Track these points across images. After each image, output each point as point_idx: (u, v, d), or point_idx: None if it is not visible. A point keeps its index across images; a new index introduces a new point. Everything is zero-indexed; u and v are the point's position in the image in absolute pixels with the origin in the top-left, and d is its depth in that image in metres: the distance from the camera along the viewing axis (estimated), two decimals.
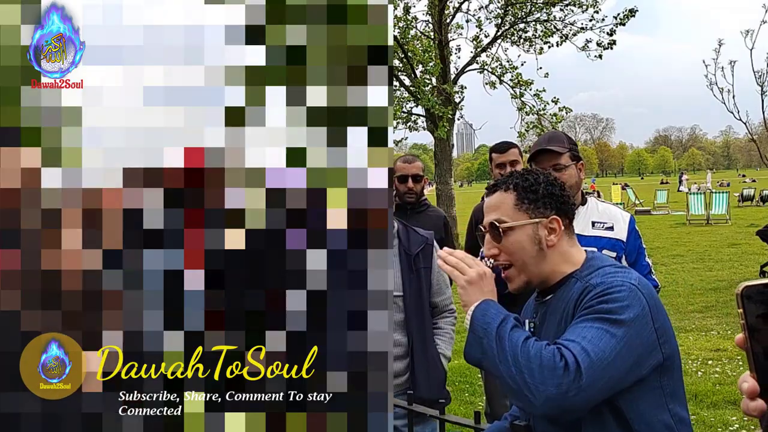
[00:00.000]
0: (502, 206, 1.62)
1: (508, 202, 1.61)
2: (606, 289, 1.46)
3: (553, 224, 1.59)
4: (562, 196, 1.63)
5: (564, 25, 14.57)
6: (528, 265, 1.60)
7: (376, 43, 1.32)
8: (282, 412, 1.31)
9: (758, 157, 16.05)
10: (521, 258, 1.60)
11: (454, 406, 4.78)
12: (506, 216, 1.60)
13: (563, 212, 1.62)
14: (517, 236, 1.59)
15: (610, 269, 1.55)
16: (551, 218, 1.60)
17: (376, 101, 1.32)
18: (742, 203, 25.07)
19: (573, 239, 1.64)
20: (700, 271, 10.64)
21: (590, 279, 1.52)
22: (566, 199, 1.64)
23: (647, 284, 1.54)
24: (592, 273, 1.54)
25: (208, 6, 1.32)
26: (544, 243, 1.59)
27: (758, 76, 9.17)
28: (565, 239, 1.61)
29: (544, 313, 1.61)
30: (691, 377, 5.33)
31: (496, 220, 1.61)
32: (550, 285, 1.61)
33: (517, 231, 1.58)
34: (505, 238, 1.60)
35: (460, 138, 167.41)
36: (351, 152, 1.32)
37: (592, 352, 1.37)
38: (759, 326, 0.61)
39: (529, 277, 1.62)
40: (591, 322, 1.42)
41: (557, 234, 1.59)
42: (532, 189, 1.61)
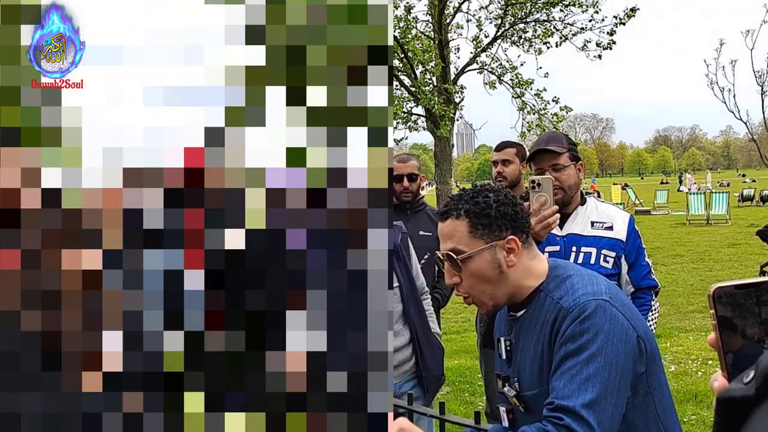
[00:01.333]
0: (457, 234, 1.58)
1: (462, 230, 1.58)
2: (580, 315, 1.45)
3: (511, 244, 1.56)
4: (515, 213, 1.59)
5: (564, 25, 14.57)
6: (491, 290, 1.58)
7: (376, 43, 1.32)
8: (282, 412, 1.31)
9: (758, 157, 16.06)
10: (483, 284, 1.58)
11: (454, 406, 4.78)
12: (462, 245, 1.57)
13: (519, 230, 1.58)
14: (476, 264, 1.56)
15: (576, 280, 1.53)
16: (508, 239, 1.56)
17: (376, 101, 1.32)
18: (742, 203, 25.07)
19: (532, 250, 1.62)
20: (700, 271, 10.65)
21: (561, 300, 1.51)
22: (520, 215, 1.60)
23: (617, 292, 1.55)
24: (560, 286, 1.54)
25: (208, 6, 1.32)
26: (504, 265, 1.56)
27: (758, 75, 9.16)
28: (525, 254, 1.59)
29: (518, 331, 1.60)
30: (691, 377, 5.33)
31: (452, 250, 1.58)
32: (520, 300, 1.60)
33: (475, 258, 1.56)
34: (464, 266, 1.57)
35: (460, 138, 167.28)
36: (351, 152, 1.32)
37: (591, 400, 1.37)
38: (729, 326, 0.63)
39: (495, 301, 1.60)
40: (574, 367, 1.42)
41: (516, 253, 1.57)
42: (484, 213, 1.57)
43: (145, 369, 1.31)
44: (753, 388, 0.54)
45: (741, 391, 0.55)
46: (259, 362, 1.31)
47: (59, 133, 1.31)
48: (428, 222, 3.74)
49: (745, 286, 0.63)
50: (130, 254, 1.31)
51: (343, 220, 1.32)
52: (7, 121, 1.31)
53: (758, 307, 0.62)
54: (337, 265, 1.31)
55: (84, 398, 1.31)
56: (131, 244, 1.31)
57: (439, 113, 13.01)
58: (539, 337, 1.52)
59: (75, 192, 1.31)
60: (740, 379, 0.56)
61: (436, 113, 13.04)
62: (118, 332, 1.31)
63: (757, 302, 0.62)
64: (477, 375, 5.19)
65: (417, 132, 18.48)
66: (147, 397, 1.31)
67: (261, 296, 1.31)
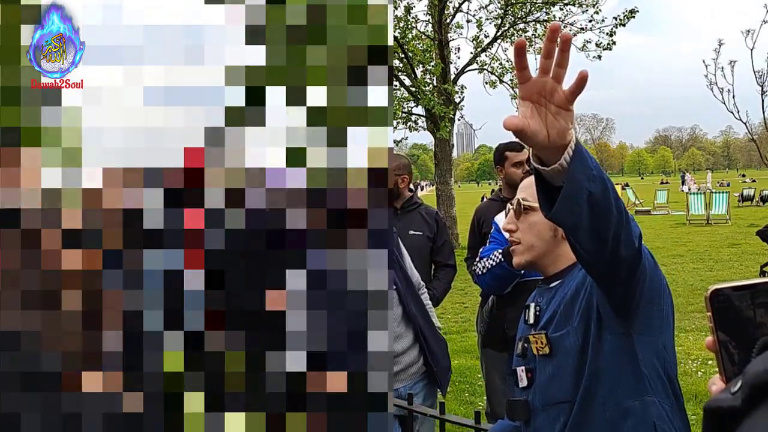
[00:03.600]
0: (533, 187, 1.65)
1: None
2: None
3: None
4: None
5: (564, 25, 14.57)
6: (536, 247, 1.65)
7: (376, 43, 1.32)
8: (282, 413, 1.31)
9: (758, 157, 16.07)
10: (533, 239, 1.65)
11: (454, 406, 4.78)
12: (532, 197, 1.62)
13: None
14: (536, 218, 1.62)
15: None
16: None
17: (376, 101, 1.32)
18: (742, 203, 25.06)
19: None
20: (700, 271, 10.64)
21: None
22: None
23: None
24: None
25: (208, 6, 1.32)
26: (560, 232, 1.61)
27: (758, 76, 9.17)
28: None
29: (550, 299, 1.63)
30: (691, 377, 5.33)
31: (523, 198, 1.67)
32: (556, 272, 1.64)
33: (537, 213, 1.59)
34: (525, 216, 1.66)
35: (460, 138, 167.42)
36: (351, 152, 1.32)
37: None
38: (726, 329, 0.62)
39: (534, 258, 1.67)
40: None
41: None
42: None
43: (146, 369, 1.31)
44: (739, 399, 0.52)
45: (728, 402, 0.53)
46: (259, 362, 1.31)
47: (59, 133, 1.31)
48: (420, 222, 3.73)
49: (741, 288, 0.62)
50: (130, 254, 1.31)
51: (343, 220, 1.32)
52: (7, 121, 1.31)
53: (754, 309, 0.62)
54: (337, 266, 1.31)
55: (84, 398, 1.31)
56: (131, 244, 1.31)
57: (439, 113, 13.02)
58: (564, 296, 1.57)
59: (75, 192, 1.31)
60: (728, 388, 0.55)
61: (436, 113, 13.05)
62: (118, 332, 1.31)
63: (752, 304, 0.62)
64: (477, 375, 5.19)
65: (417, 132, 18.48)
66: (147, 398, 1.31)
67: (261, 296, 1.31)
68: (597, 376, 1.47)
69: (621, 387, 1.46)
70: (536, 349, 1.61)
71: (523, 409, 1.60)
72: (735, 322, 0.62)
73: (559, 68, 1.14)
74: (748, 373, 0.53)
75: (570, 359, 1.51)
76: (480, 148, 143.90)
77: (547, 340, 1.58)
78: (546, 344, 1.58)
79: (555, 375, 1.53)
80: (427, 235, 3.70)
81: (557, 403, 1.52)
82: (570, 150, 1.19)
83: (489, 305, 3.27)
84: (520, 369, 1.65)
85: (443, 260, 3.75)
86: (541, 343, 1.60)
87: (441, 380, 2.78)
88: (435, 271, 3.77)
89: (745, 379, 0.53)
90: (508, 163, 3.58)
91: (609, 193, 1.24)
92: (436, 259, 3.75)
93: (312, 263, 1.31)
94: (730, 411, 0.53)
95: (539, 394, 1.58)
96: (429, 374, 2.76)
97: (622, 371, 1.47)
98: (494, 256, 2.88)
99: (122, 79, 1.32)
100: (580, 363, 1.49)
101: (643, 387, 1.47)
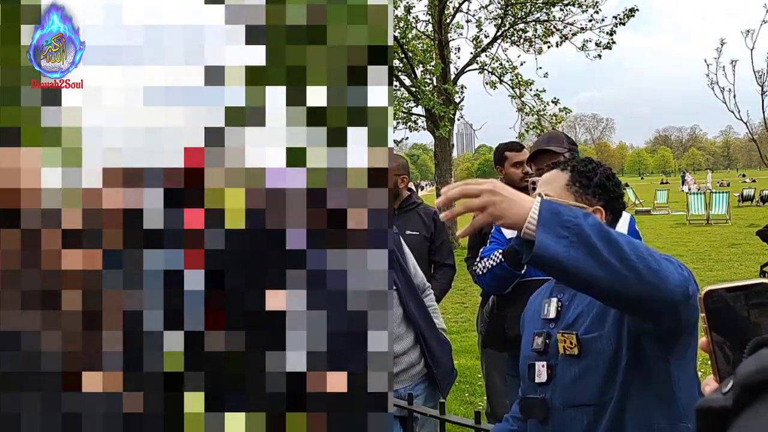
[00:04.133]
0: (554, 183, 1.64)
1: (561, 181, 1.64)
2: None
3: (596, 214, 1.58)
4: (615, 191, 1.64)
5: (564, 25, 14.58)
6: None
7: (376, 43, 1.32)
8: (282, 413, 1.31)
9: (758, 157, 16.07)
10: None
11: (454, 406, 4.78)
12: (554, 192, 1.61)
13: (610, 207, 1.63)
14: None
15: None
16: (595, 208, 1.60)
17: (376, 101, 1.32)
18: (742, 203, 25.06)
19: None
20: (700, 271, 10.64)
21: None
22: (617, 196, 1.64)
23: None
24: None
25: (208, 6, 1.32)
26: None
27: (758, 75, 9.17)
28: None
29: (572, 295, 1.60)
30: None
31: (544, 193, 1.64)
32: None
33: None
34: None
35: (460, 138, 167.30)
36: (351, 152, 1.32)
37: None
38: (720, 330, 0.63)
39: None
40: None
41: None
42: (587, 175, 1.62)
43: (146, 369, 1.31)
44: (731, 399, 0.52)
45: (719, 402, 0.53)
46: (259, 362, 1.31)
47: (59, 133, 1.31)
48: (418, 222, 3.73)
49: (735, 289, 0.63)
50: (130, 254, 1.31)
51: (343, 220, 1.31)
52: (7, 121, 1.31)
53: (747, 309, 0.62)
54: (337, 266, 1.31)
55: (84, 398, 1.31)
56: (131, 244, 1.31)
57: (439, 113, 13.02)
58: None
59: (75, 192, 1.31)
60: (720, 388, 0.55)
61: (436, 113, 13.05)
62: (118, 332, 1.31)
63: (746, 305, 0.62)
64: (477, 375, 5.19)
65: (417, 132, 18.49)
66: (147, 398, 1.31)
67: (261, 296, 1.31)
68: (629, 389, 1.44)
69: (652, 406, 1.44)
70: (563, 348, 1.57)
71: (540, 408, 1.57)
72: (729, 322, 0.63)
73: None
74: (740, 373, 0.53)
75: (600, 363, 1.47)
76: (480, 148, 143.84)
77: (578, 341, 1.54)
78: (576, 345, 1.54)
79: (581, 376, 1.50)
80: (423, 234, 3.70)
81: (581, 405, 1.49)
82: (531, 222, 1.21)
83: (489, 305, 3.27)
84: (539, 364, 1.61)
85: (442, 260, 3.75)
86: (570, 343, 1.56)
87: (441, 383, 2.76)
88: (433, 271, 3.77)
89: (737, 379, 0.53)
90: (507, 163, 3.59)
91: (596, 250, 1.18)
92: (434, 258, 3.74)
93: (312, 263, 1.31)
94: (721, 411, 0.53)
95: (560, 394, 1.54)
96: (430, 376, 2.74)
97: (654, 389, 1.44)
98: (494, 257, 2.88)
99: (122, 79, 1.32)
100: (611, 368, 1.46)
101: (677, 412, 1.44)
